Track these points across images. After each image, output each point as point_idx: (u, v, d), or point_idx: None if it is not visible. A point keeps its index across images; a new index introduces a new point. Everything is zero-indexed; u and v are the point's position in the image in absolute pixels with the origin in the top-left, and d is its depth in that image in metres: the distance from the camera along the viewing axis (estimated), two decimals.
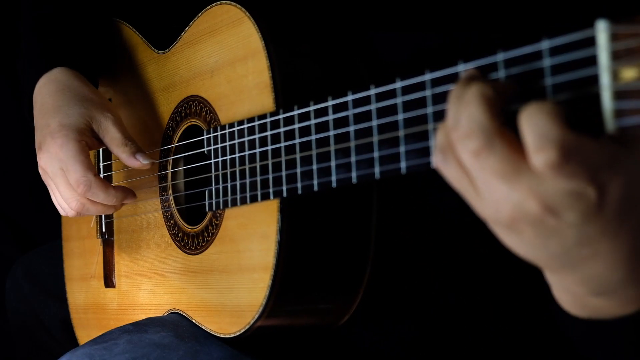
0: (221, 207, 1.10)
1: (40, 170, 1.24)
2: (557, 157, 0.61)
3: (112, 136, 1.22)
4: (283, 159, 0.97)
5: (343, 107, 0.87)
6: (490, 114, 0.64)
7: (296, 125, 0.95)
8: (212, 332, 1.13)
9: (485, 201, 0.67)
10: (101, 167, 1.39)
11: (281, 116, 0.98)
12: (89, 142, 1.21)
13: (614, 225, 0.65)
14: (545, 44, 0.65)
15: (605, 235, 0.66)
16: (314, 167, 0.92)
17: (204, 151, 1.15)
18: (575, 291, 0.73)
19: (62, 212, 1.25)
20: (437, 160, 0.69)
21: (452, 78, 0.73)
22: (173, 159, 1.24)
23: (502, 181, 0.65)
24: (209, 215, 1.14)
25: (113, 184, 1.30)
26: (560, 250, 0.67)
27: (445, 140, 0.68)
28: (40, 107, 1.25)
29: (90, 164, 1.18)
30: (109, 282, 1.39)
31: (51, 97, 1.24)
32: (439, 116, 0.74)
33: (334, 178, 0.89)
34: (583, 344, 0.82)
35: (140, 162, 1.21)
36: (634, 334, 0.75)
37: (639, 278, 0.70)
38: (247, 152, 1.05)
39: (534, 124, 0.62)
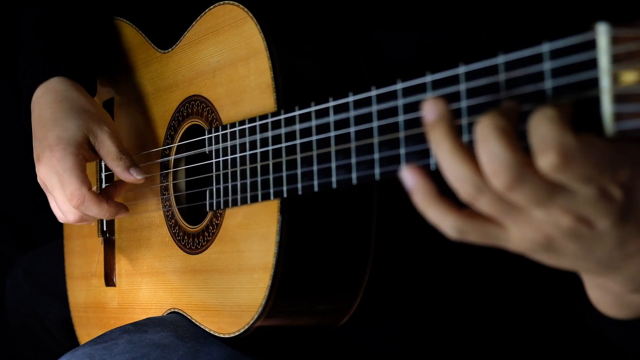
0: (222, 207, 1.10)
1: (39, 181, 1.25)
2: (557, 159, 0.61)
3: (107, 150, 1.22)
4: (284, 159, 0.97)
5: (344, 108, 0.87)
6: (512, 146, 0.63)
7: (297, 126, 0.95)
8: (211, 332, 1.13)
9: (516, 235, 0.68)
10: (103, 177, 1.39)
11: (282, 116, 0.98)
12: (86, 156, 1.22)
13: None
14: (545, 47, 0.65)
15: None
16: (315, 167, 0.92)
17: (205, 151, 1.15)
18: (616, 291, 0.74)
19: (62, 221, 1.27)
20: (456, 236, 0.70)
21: (453, 80, 0.73)
22: (174, 158, 1.25)
23: (537, 207, 0.65)
24: (210, 215, 1.14)
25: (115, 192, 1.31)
26: (605, 254, 0.68)
27: (454, 212, 0.68)
28: (38, 117, 1.26)
29: (85, 178, 1.19)
30: (109, 280, 1.39)
31: (49, 108, 1.24)
32: None
33: (334, 179, 0.89)
34: (626, 346, 0.82)
35: (134, 177, 1.21)
36: None
37: None
38: (248, 152, 1.05)
39: (537, 129, 0.62)
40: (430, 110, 0.68)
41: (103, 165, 1.39)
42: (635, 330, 0.78)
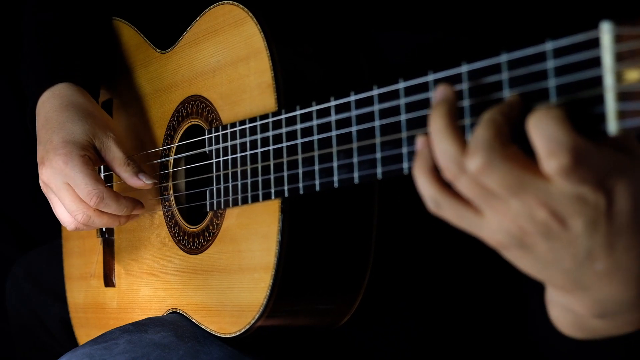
0: (222, 206, 1.10)
1: (41, 184, 1.24)
2: (569, 161, 0.62)
3: (114, 155, 1.23)
4: (285, 159, 0.97)
5: (345, 107, 0.87)
6: (495, 132, 0.65)
7: (298, 126, 0.95)
8: (212, 332, 1.13)
9: (491, 223, 0.68)
10: (102, 177, 1.39)
11: (283, 116, 0.98)
12: (92, 158, 1.22)
13: (627, 238, 0.65)
14: (549, 45, 0.65)
15: (618, 248, 0.66)
16: (316, 167, 0.92)
17: (205, 151, 1.15)
18: (580, 312, 0.73)
19: (64, 225, 1.26)
20: (432, 209, 0.72)
21: (455, 79, 0.73)
22: (174, 158, 1.24)
23: (509, 194, 0.66)
24: (210, 215, 1.14)
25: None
26: (574, 265, 0.67)
27: (427, 186, 0.70)
28: (44, 121, 1.26)
29: (98, 176, 1.19)
30: (108, 281, 1.39)
31: (55, 112, 1.25)
32: None
33: (335, 178, 0.89)
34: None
35: (143, 182, 1.22)
36: (625, 352, 0.75)
37: None
38: (248, 152, 1.05)
39: (543, 130, 0.62)
40: (438, 92, 0.72)
41: (102, 166, 1.39)
42: (586, 348, 0.77)
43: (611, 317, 0.72)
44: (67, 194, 1.20)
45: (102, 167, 1.39)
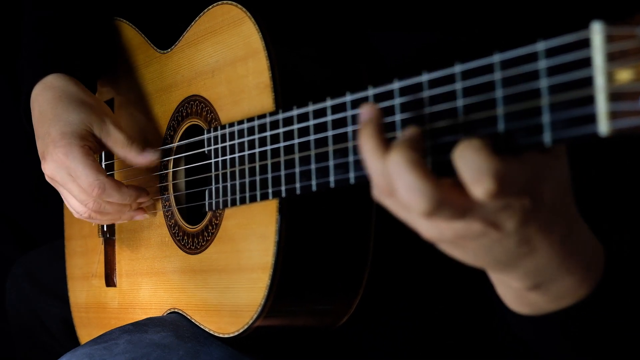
0: (221, 206, 1.10)
1: (47, 179, 1.24)
2: (494, 185, 0.66)
3: (115, 138, 1.22)
4: (282, 158, 0.97)
5: (341, 107, 0.87)
6: (424, 177, 0.68)
7: (295, 126, 0.95)
8: (211, 332, 1.13)
9: (427, 226, 0.72)
10: (103, 166, 1.39)
11: (280, 116, 0.98)
12: (92, 147, 1.21)
13: (548, 223, 0.71)
14: (540, 46, 0.65)
15: (540, 232, 0.71)
16: (313, 167, 0.92)
17: (204, 151, 1.15)
18: (515, 287, 0.78)
19: (76, 215, 1.26)
20: (376, 194, 0.75)
21: (449, 79, 0.73)
22: (174, 158, 1.25)
23: (457, 221, 0.69)
24: (209, 215, 1.14)
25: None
26: (504, 255, 0.73)
27: (383, 182, 0.72)
28: (39, 115, 1.25)
29: (98, 166, 1.19)
30: (110, 281, 1.39)
31: (49, 104, 1.24)
32: (436, 117, 0.74)
33: (332, 178, 0.89)
34: (532, 342, 0.88)
35: (149, 158, 1.21)
36: (569, 329, 0.81)
37: (568, 268, 0.76)
38: (246, 152, 1.05)
39: (467, 161, 0.66)
40: (364, 112, 0.74)
41: (104, 155, 1.39)
42: (537, 325, 0.83)
43: (543, 288, 0.77)
44: (74, 185, 1.19)
45: (102, 157, 1.39)
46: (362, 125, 0.74)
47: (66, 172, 1.19)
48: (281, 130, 0.98)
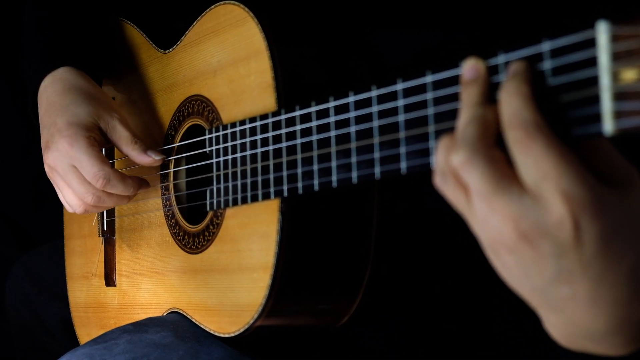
0: (222, 206, 1.10)
1: (47, 168, 1.23)
2: (523, 135, 0.62)
3: (120, 134, 1.22)
4: (284, 159, 0.97)
5: (344, 108, 0.87)
6: (482, 130, 0.65)
7: (298, 127, 0.95)
8: (211, 332, 1.13)
9: (476, 219, 0.67)
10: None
11: (283, 117, 0.98)
12: (97, 139, 1.21)
13: (597, 268, 0.64)
14: (546, 45, 0.65)
15: (586, 276, 0.64)
16: (315, 167, 0.92)
17: (205, 151, 1.15)
18: (561, 330, 0.71)
19: (69, 209, 1.25)
20: (437, 181, 0.70)
21: (453, 80, 0.73)
22: (175, 158, 1.25)
23: (482, 199, 0.65)
24: (210, 214, 1.14)
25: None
26: (541, 284, 0.66)
27: (443, 159, 0.68)
28: (46, 106, 1.25)
29: (103, 157, 1.19)
30: (109, 280, 1.39)
31: (58, 96, 1.24)
32: (440, 118, 0.74)
33: (334, 178, 0.89)
34: None
35: (152, 159, 1.21)
36: None
37: (624, 330, 0.68)
38: (248, 152, 1.05)
39: (508, 103, 0.64)
40: (470, 70, 0.70)
41: (104, 154, 1.39)
42: None
43: (594, 342, 0.70)
44: (74, 176, 1.19)
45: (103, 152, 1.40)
46: (468, 84, 0.70)
47: (69, 163, 1.19)
48: (284, 130, 0.98)
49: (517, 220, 0.64)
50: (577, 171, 0.62)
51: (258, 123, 1.03)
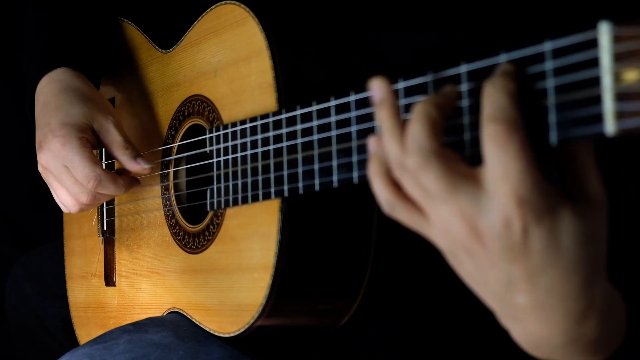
0: (222, 206, 1.10)
1: (40, 169, 1.24)
2: (503, 131, 0.63)
3: (112, 138, 1.22)
4: (285, 158, 0.97)
5: (345, 107, 0.87)
6: (429, 128, 0.67)
7: (298, 126, 0.95)
8: (211, 332, 1.13)
9: (433, 227, 0.69)
10: (103, 165, 1.39)
11: (283, 116, 0.98)
12: (90, 140, 1.21)
13: (546, 278, 0.65)
14: (547, 46, 0.65)
15: (537, 286, 0.65)
16: (316, 166, 0.92)
17: (206, 150, 1.15)
18: (525, 340, 0.71)
19: (64, 209, 1.25)
20: (386, 211, 0.72)
21: (454, 79, 0.73)
22: (175, 158, 1.25)
23: (439, 200, 0.66)
24: (210, 214, 1.14)
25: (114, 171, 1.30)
26: (498, 289, 0.67)
27: (382, 188, 0.71)
28: (42, 106, 1.25)
29: (95, 158, 1.19)
30: (109, 280, 1.39)
31: (54, 96, 1.24)
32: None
33: (335, 178, 0.89)
34: None
35: (141, 166, 1.21)
36: None
37: (582, 346, 0.68)
38: (249, 152, 1.05)
39: (494, 97, 0.64)
40: (377, 90, 0.72)
41: (104, 154, 1.39)
42: None
43: (554, 353, 0.70)
44: (68, 176, 1.19)
45: (103, 156, 1.39)
46: (379, 105, 0.72)
47: (61, 163, 1.19)
48: (284, 130, 0.98)
49: (471, 217, 0.65)
50: (537, 180, 0.63)
51: (258, 122, 1.03)
